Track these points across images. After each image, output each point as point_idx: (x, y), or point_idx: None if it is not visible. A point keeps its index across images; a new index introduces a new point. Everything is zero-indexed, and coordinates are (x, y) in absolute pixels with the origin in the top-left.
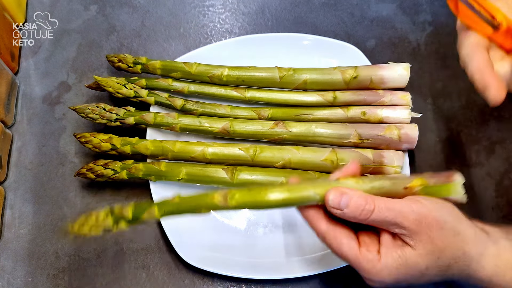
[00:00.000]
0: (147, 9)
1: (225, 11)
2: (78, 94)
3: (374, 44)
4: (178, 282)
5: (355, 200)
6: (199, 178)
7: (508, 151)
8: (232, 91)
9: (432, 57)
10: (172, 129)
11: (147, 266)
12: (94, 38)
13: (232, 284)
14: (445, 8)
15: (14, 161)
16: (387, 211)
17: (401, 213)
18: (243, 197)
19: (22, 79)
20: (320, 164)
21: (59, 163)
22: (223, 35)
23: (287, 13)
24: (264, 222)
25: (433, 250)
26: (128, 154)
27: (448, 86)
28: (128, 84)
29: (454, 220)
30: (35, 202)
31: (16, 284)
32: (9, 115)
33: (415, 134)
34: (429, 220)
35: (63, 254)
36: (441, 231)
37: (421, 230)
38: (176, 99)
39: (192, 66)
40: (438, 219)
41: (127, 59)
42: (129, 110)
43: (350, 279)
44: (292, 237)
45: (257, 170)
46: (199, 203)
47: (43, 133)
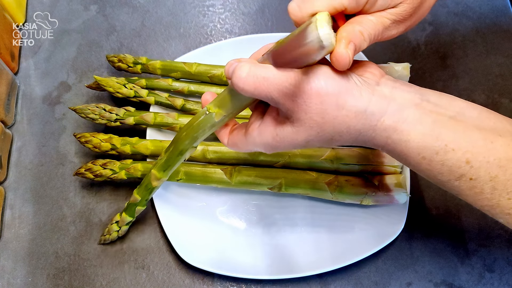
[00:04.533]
0: (147, 9)
1: (225, 11)
2: (78, 94)
3: (374, 44)
4: (178, 282)
5: (232, 62)
6: (198, 178)
7: None
8: None
9: (432, 57)
10: (172, 129)
11: (147, 266)
12: (94, 38)
13: (232, 284)
14: (445, 8)
15: (14, 161)
16: (261, 79)
17: (275, 85)
18: (164, 173)
19: (22, 79)
20: (319, 163)
21: (59, 163)
22: (223, 35)
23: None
24: (264, 222)
25: (311, 126)
26: (128, 154)
27: (448, 86)
28: (128, 84)
29: (340, 92)
30: (35, 202)
31: (16, 284)
32: (9, 115)
33: None
34: (307, 92)
35: (63, 254)
36: (320, 106)
37: (298, 107)
38: (176, 99)
39: (192, 66)
40: (318, 91)
41: (127, 59)
42: (129, 110)
43: (350, 279)
44: (292, 237)
45: (256, 170)
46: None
47: (43, 133)
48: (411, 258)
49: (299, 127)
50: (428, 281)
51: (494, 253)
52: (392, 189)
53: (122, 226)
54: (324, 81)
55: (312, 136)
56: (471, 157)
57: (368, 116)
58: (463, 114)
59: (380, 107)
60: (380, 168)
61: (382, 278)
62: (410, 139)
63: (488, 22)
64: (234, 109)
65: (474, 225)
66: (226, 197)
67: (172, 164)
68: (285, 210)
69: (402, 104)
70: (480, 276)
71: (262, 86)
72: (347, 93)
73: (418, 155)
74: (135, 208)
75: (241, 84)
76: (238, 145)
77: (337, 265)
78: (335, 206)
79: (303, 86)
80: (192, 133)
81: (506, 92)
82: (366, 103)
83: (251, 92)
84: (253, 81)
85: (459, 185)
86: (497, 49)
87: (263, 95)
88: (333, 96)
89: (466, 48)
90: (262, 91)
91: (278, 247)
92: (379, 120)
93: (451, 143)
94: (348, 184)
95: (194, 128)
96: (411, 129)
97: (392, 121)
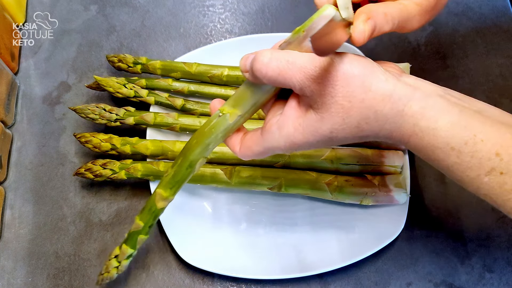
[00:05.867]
0: (147, 9)
1: (225, 11)
2: (78, 94)
3: (374, 44)
4: (178, 282)
5: (247, 55)
6: (197, 178)
7: None
8: (232, 91)
9: (432, 57)
10: (172, 129)
11: (147, 266)
12: (94, 38)
13: (232, 284)
14: (445, 8)
15: (14, 161)
16: (285, 63)
17: (301, 68)
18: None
19: (22, 79)
20: (319, 163)
21: (59, 163)
22: (223, 35)
23: (287, 13)
24: (264, 222)
25: (337, 111)
26: (128, 154)
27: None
28: (128, 84)
29: (365, 74)
30: (35, 202)
31: (16, 284)
32: (9, 115)
33: None
34: (333, 74)
35: (63, 254)
36: (347, 88)
37: (325, 90)
38: (176, 99)
39: (192, 66)
40: (344, 73)
41: (127, 59)
42: (129, 110)
43: (350, 279)
44: (292, 237)
45: (256, 170)
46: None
47: (43, 133)
48: (411, 258)
49: (324, 113)
50: (428, 281)
51: (494, 253)
52: (392, 189)
53: (122, 261)
54: (350, 64)
55: (337, 124)
56: (501, 149)
57: (395, 100)
58: (486, 111)
59: (406, 93)
60: (380, 168)
61: (382, 278)
62: (438, 127)
63: (488, 22)
64: (250, 106)
65: (474, 225)
66: (226, 197)
67: (181, 180)
68: (285, 210)
69: (427, 93)
70: (480, 276)
71: (287, 69)
72: (372, 75)
73: (447, 145)
74: (137, 238)
75: (264, 69)
76: (253, 149)
77: (337, 265)
78: (335, 206)
79: (330, 68)
80: (204, 139)
81: (506, 92)
82: (392, 87)
83: (275, 78)
84: (277, 64)
85: (488, 181)
86: (497, 49)
87: (288, 79)
88: (359, 77)
89: (466, 48)
90: (286, 75)
91: (278, 247)
92: (406, 105)
93: (479, 133)
94: (348, 184)
95: (205, 134)
96: (439, 117)
97: (419, 107)
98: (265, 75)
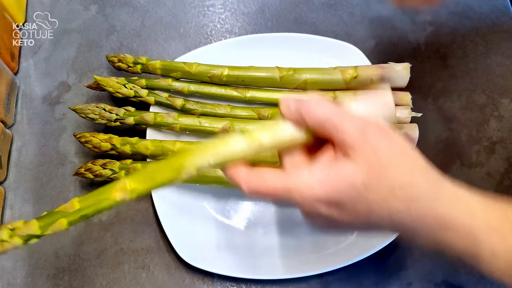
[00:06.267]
0: (147, 9)
1: (225, 11)
2: (78, 94)
3: (374, 44)
4: (178, 282)
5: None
6: (197, 178)
7: (508, 151)
8: (232, 91)
9: (432, 57)
10: (172, 129)
11: (147, 266)
12: (94, 38)
13: (232, 284)
14: (445, 8)
15: (14, 161)
16: (328, 110)
17: (343, 114)
18: (141, 183)
19: (22, 79)
20: None
21: (59, 163)
22: (223, 35)
23: (287, 13)
24: (264, 222)
25: (375, 165)
26: (128, 154)
27: (448, 86)
28: (128, 84)
29: (405, 144)
30: (35, 202)
31: (16, 284)
32: (9, 115)
33: (415, 134)
34: (376, 128)
35: (63, 254)
36: (389, 145)
37: (366, 139)
38: (176, 99)
39: (192, 66)
40: (387, 131)
41: (127, 59)
42: (129, 110)
43: (350, 279)
44: (292, 237)
45: None
46: (99, 205)
47: (43, 133)
48: (411, 258)
49: (359, 162)
50: (428, 281)
51: None
52: None
53: (15, 238)
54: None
55: (372, 178)
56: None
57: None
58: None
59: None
60: None
61: (382, 278)
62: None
63: (488, 22)
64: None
65: None
66: (225, 197)
67: (160, 182)
68: (285, 210)
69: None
70: (480, 277)
71: (337, 115)
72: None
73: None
74: (56, 220)
75: (313, 111)
76: (269, 185)
77: (337, 265)
78: None
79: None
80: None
81: (506, 92)
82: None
83: (323, 121)
84: (330, 109)
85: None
86: (497, 49)
87: (334, 124)
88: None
89: (466, 48)
90: (335, 120)
91: (278, 247)
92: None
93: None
94: None
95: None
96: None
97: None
98: (314, 115)
